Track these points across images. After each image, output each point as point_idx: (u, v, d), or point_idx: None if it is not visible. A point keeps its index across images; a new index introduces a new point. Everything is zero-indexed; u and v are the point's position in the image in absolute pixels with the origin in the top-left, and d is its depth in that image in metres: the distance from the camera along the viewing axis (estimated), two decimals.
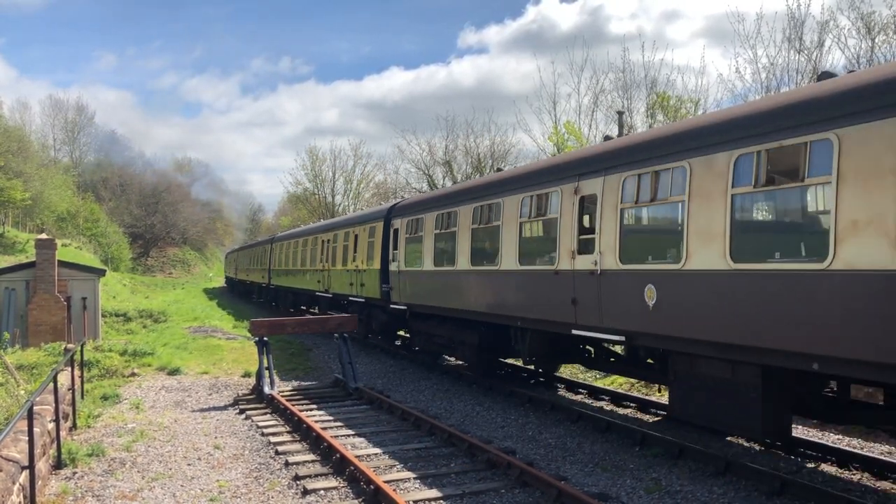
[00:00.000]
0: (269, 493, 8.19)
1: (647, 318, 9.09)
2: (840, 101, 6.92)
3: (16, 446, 7.18)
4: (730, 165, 7.93)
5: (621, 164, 9.69)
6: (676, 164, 8.74)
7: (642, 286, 9.14)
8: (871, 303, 6.43)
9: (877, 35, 18.71)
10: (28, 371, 14.30)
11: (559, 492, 7.63)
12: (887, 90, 6.51)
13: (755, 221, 8.23)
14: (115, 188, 75.81)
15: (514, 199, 12.38)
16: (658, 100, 24.16)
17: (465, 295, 14.20)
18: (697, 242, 8.34)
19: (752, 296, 7.62)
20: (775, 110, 7.69)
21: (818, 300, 6.92)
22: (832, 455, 9.25)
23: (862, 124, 6.58)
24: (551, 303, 11.15)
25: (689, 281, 8.48)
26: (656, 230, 9.76)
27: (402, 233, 17.49)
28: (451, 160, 42.92)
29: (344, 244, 22.76)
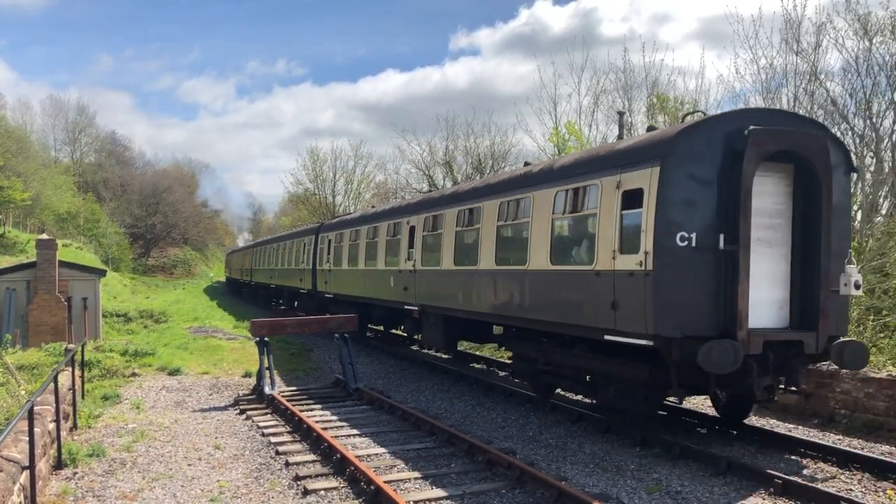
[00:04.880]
0: (269, 494, 8.20)
1: (500, 303, 13.15)
2: (599, 160, 10.64)
3: (16, 446, 7.19)
4: (550, 198, 11.52)
5: (498, 193, 13.48)
6: (525, 195, 12.33)
7: (508, 281, 12.79)
8: (626, 289, 9.58)
9: (874, 36, 18.70)
10: (29, 371, 14.31)
11: (560, 492, 7.63)
12: (610, 158, 10.33)
13: (563, 237, 11.55)
14: (116, 188, 75.83)
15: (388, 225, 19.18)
16: (658, 101, 24.15)
17: (364, 286, 20.94)
18: (539, 250, 11.73)
19: (562, 286, 11.20)
20: (573, 163, 11.37)
21: (583, 290, 10.57)
22: (832, 455, 9.25)
23: (608, 176, 10.18)
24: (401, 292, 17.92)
25: (539, 276, 11.82)
26: (517, 241, 12.79)
27: (329, 243, 24.94)
28: (452, 161, 42.95)
29: (293, 249, 30.99)
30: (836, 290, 9.45)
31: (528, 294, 12.11)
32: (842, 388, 11.26)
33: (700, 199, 9.20)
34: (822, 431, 10.80)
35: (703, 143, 9.30)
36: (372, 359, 19.63)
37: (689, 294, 9.09)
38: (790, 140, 9.31)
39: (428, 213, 16.66)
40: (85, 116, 78.90)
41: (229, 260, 64.45)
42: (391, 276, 18.45)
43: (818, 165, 9.33)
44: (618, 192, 9.90)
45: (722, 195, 9.19)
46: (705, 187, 9.22)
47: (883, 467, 8.63)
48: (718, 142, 9.26)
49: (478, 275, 13.90)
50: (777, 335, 9.34)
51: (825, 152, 9.39)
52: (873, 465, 8.77)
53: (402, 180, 47.23)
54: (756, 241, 9.30)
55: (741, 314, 8.92)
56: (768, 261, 9.55)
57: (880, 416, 10.64)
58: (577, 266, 10.87)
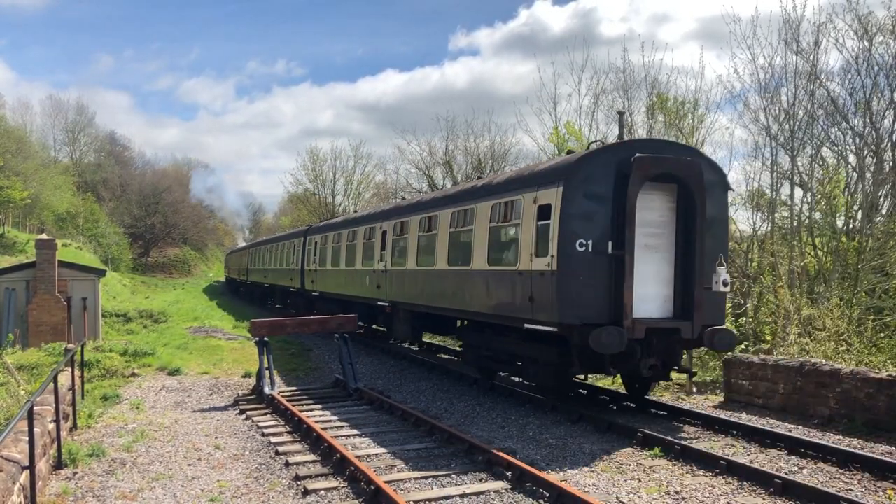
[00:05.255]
0: (269, 494, 8.19)
1: (450, 297, 15.12)
2: (523, 179, 12.79)
3: (16, 446, 7.18)
4: (488, 210, 13.59)
5: (451, 204, 15.45)
6: (471, 206, 14.34)
7: (458, 279, 14.77)
8: (539, 286, 11.60)
9: (874, 36, 18.71)
10: (28, 371, 14.30)
11: (560, 492, 7.63)
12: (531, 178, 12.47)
13: (497, 242, 13.41)
14: (116, 188, 75.80)
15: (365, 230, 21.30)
16: (658, 101, 24.13)
17: (345, 285, 22.84)
18: (479, 253, 13.75)
19: (495, 284, 13.13)
20: (506, 181, 13.55)
21: (511, 287, 12.52)
22: (832, 455, 9.26)
23: (528, 193, 12.20)
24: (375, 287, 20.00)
25: (478, 275, 13.83)
26: (464, 245, 14.64)
27: (316, 245, 27.05)
28: (451, 160, 42.96)
29: (283, 251, 33.35)
30: (708, 288, 11.49)
31: (472, 290, 14.14)
32: (842, 387, 11.26)
33: (595, 213, 11.24)
34: (822, 431, 10.79)
35: (599, 168, 11.34)
36: (372, 359, 19.63)
37: (586, 290, 11.10)
38: (670, 165, 11.30)
39: (397, 220, 18.61)
40: (84, 116, 78.92)
41: (228, 260, 65.55)
42: (367, 276, 20.49)
43: (693, 185, 11.34)
44: (535, 206, 11.98)
45: (614, 210, 11.21)
46: (600, 204, 11.25)
47: (883, 467, 8.63)
48: (611, 167, 11.26)
49: (435, 274, 15.90)
50: (658, 323, 11.33)
51: (699, 175, 11.34)
52: (873, 465, 8.76)
53: (402, 180, 47.25)
54: (643, 247, 11.34)
55: (627, 306, 10.89)
56: (654, 263, 11.56)
57: (880, 416, 10.64)
58: (506, 267, 12.92)
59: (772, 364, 12.69)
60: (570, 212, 11.18)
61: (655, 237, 11.58)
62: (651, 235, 11.54)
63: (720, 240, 11.98)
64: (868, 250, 18.17)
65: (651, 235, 11.54)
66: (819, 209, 20.20)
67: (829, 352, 14.28)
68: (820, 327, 15.49)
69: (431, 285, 16.13)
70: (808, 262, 19.68)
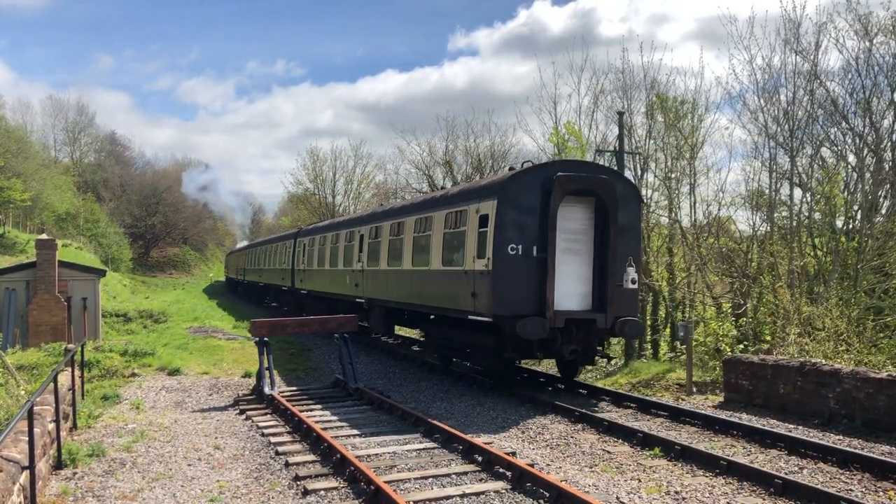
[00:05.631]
0: (269, 494, 8.19)
1: (415, 294, 16.88)
2: (469, 192, 14.85)
3: (16, 446, 7.18)
4: (442, 217, 15.48)
5: (415, 212, 17.30)
6: (430, 214, 16.19)
7: (420, 278, 16.63)
8: (479, 283, 13.54)
9: (875, 36, 18.72)
10: (28, 371, 14.30)
11: (559, 492, 7.63)
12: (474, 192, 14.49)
13: (448, 245, 15.20)
14: (116, 188, 75.77)
15: (346, 233, 23.22)
16: (657, 101, 24.13)
17: (329, 284, 24.71)
18: (435, 255, 15.71)
19: (448, 281, 14.99)
20: (456, 193, 15.61)
21: (458, 284, 14.40)
22: (832, 455, 9.26)
23: (472, 204, 14.24)
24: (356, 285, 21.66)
25: (434, 274, 15.75)
26: (425, 247, 16.40)
27: (304, 247, 28.92)
28: (451, 161, 42.96)
29: (275, 252, 35.53)
30: (620, 285, 13.64)
31: (430, 287, 16.05)
32: (842, 387, 11.26)
33: (524, 222, 13.23)
34: (822, 431, 10.79)
35: (527, 185, 13.34)
36: (372, 359, 19.63)
37: (516, 286, 13.10)
38: (586, 182, 13.43)
39: (372, 225, 20.53)
40: (85, 116, 78.88)
41: (228, 260, 66.56)
42: (347, 276, 22.47)
43: (607, 199, 13.45)
44: (477, 216, 14.00)
45: (540, 220, 13.19)
46: (528, 214, 13.24)
47: (883, 467, 8.63)
48: (537, 183, 13.29)
49: (402, 273, 17.73)
50: (576, 315, 13.44)
51: (613, 190, 13.49)
52: (873, 465, 8.76)
53: (402, 180, 47.27)
54: (564, 251, 13.37)
55: (549, 300, 12.99)
56: (574, 264, 13.60)
57: (880, 416, 10.64)
58: (455, 267, 14.81)
59: (772, 364, 12.69)
60: (504, 221, 13.22)
61: (576, 242, 13.66)
62: (572, 241, 13.61)
63: (632, 244, 13.99)
64: (867, 250, 18.17)
65: (572, 241, 13.61)
66: (819, 209, 20.20)
67: (828, 351, 14.28)
68: (819, 327, 15.50)
69: (399, 284, 17.99)
70: (807, 262, 19.68)
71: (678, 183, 23.68)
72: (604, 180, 13.58)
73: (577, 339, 13.56)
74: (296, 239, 31.10)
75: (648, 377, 15.79)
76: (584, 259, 13.69)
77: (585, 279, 13.70)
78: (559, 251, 13.24)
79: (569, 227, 13.47)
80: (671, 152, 23.84)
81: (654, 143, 24.42)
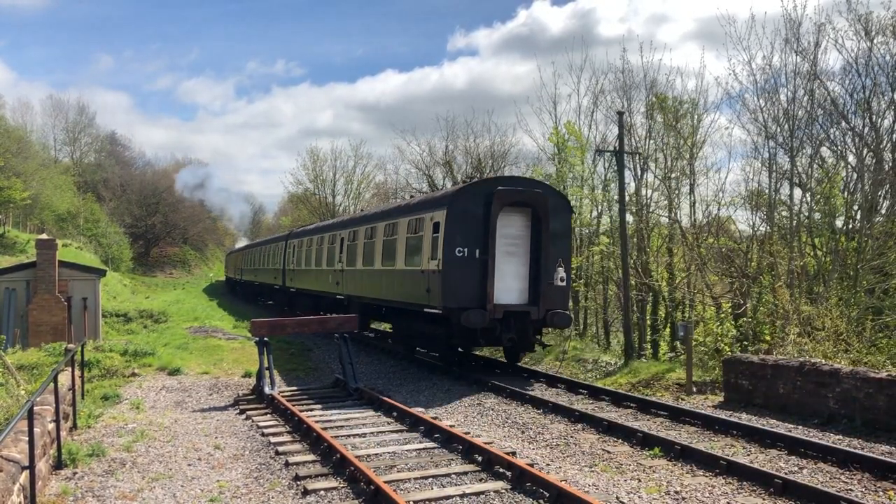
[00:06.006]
0: (269, 494, 8.19)
1: (384, 291, 19.14)
2: (426, 203, 17.16)
3: (16, 446, 7.18)
4: (405, 224, 17.78)
5: (385, 218, 19.65)
6: (396, 220, 18.53)
7: (388, 276, 18.85)
8: (432, 281, 15.72)
9: (875, 36, 18.71)
10: (28, 371, 14.29)
11: (560, 492, 7.63)
12: (429, 202, 16.81)
13: (410, 248, 17.45)
14: (116, 188, 75.75)
15: (329, 236, 25.39)
16: (657, 101, 24.14)
17: (315, 282, 26.96)
18: (400, 256, 17.94)
19: (409, 279, 17.19)
20: (417, 203, 17.89)
21: (416, 282, 16.56)
22: (832, 455, 9.26)
23: (427, 213, 16.46)
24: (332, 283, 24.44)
25: (398, 272, 18.06)
26: (392, 250, 18.74)
27: (294, 248, 31.25)
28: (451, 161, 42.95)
29: (269, 252, 37.96)
30: (551, 283, 15.88)
31: (396, 285, 18.25)
32: (841, 387, 11.26)
33: (469, 229, 15.47)
34: (822, 431, 10.79)
35: (472, 198, 15.66)
36: (372, 359, 19.63)
37: (462, 283, 15.32)
38: (522, 195, 15.67)
39: (350, 229, 22.84)
40: (85, 116, 78.83)
41: (228, 260, 67.62)
42: (330, 275, 24.73)
43: (540, 210, 15.70)
44: (431, 223, 16.24)
45: (483, 227, 15.43)
46: (473, 222, 15.47)
47: (883, 467, 8.63)
48: (481, 196, 15.57)
49: (374, 272, 20.02)
50: (513, 308, 15.60)
51: (545, 202, 15.80)
52: (873, 465, 8.76)
53: (402, 180, 47.27)
54: (503, 253, 15.60)
55: (490, 295, 15.26)
56: (513, 265, 15.79)
57: (880, 415, 10.64)
58: (414, 267, 16.98)
59: (772, 364, 12.69)
60: (452, 227, 15.47)
61: (514, 246, 15.82)
62: (510, 245, 15.77)
63: (563, 248, 16.28)
64: (867, 250, 18.17)
65: (510, 245, 15.77)
66: (818, 209, 20.20)
67: (828, 351, 14.28)
68: (819, 327, 15.49)
69: (372, 281, 20.26)
70: (807, 262, 19.68)
71: (678, 183, 23.69)
72: (538, 194, 15.90)
73: (514, 328, 15.69)
74: (286, 241, 33.39)
75: (648, 377, 15.79)
76: (521, 260, 15.87)
77: (522, 277, 15.86)
78: (499, 253, 15.50)
79: (508, 233, 15.74)
80: (671, 152, 23.86)
81: (653, 143, 24.45)
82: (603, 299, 26.83)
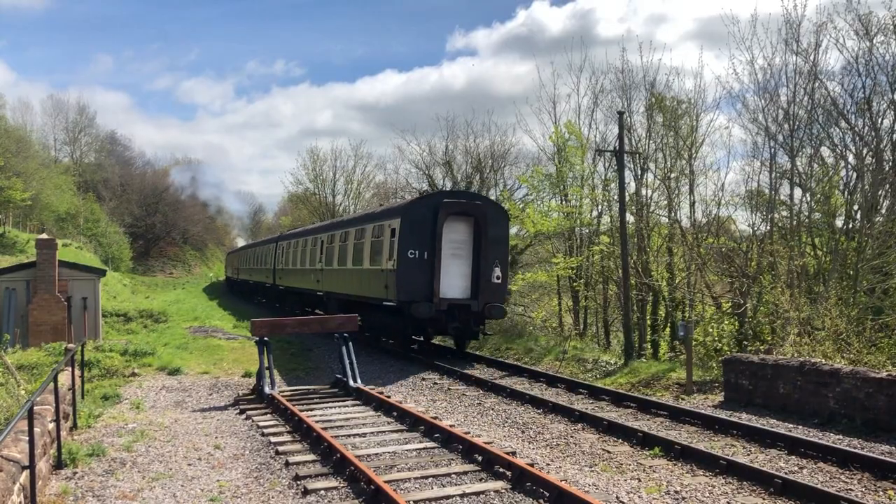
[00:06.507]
0: (269, 493, 8.19)
1: (354, 287, 21.94)
2: (386, 212, 20.29)
3: (16, 446, 7.18)
4: (370, 229, 20.51)
5: (355, 224, 22.75)
6: (364, 226, 21.42)
7: (357, 275, 21.75)
8: (389, 278, 18.54)
9: (875, 36, 18.70)
10: (28, 371, 14.27)
11: (560, 492, 7.63)
12: (388, 212, 20.08)
13: (374, 250, 20.15)
14: (116, 188, 75.73)
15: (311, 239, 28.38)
16: (657, 101, 24.12)
17: (300, 280, 29.62)
18: (366, 258, 20.72)
19: (373, 277, 19.91)
20: (380, 212, 20.93)
21: (378, 279, 19.40)
22: (832, 455, 9.26)
23: (386, 221, 19.43)
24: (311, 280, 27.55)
25: (365, 271, 20.93)
26: (360, 252, 21.56)
27: (283, 249, 33.91)
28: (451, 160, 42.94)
29: (262, 253, 40.76)
30: (489, 280, 18.53)
31: (364, 282, 21.07)
32: (841, 387, 11.26)
33: (419, 234, 18.12)
34: (822, 431, 10.79)
35: (422, 209, 18.48)
36: (372, 358, 19.62)
37: (413, 280, 17.97)
38: (464, 207, 18.55)
39: (329, 233, 25.82)
40: (85, 116, 78.78)
41: (227, 260, 68.96)
42: (312, 274, 27.44)
43: (480, 219, 18.47)
44: (389, 229, 19.01)
45: (431, 233, 18.07)
46: (423, 229, 18.12)
47: (883, 467, 8.63)
48: (430, 207, 18.35)
49: (346, 271, 22.99)
50: (457, 301, 18.34)
51: (485, 212, 18.63)
52: (873, 464, 8.77)
53: (402, 180, 47.24)
54: (449, 255, 18.30)
55: (436, 290, 17.92)
56: (457, 265, 18.46)
57: (880, 415, 10.64)
58: (377, 266, 19.85)
59: (772, 364, 12.69)
60: (405, 234, 18.18)
61: (459, 249, 18.53)
62: (455, 248, 18.48)
63: (500, 251, 18.93)
64: (867, 250, 18.16)
65: (455, 248, 18.48)
66: (818, 209, 20.19)
67: (827, 351, 14.28)
68: (819, 327, 15.49)
69: (345, 279, 23.16)
70: (807, 262, 19.67)
71: (677, 182, 23.68)
72: (478, 205, 18.88)
73: (458, 318, 18.39)
74: (276, 243, 36.48)
75: (648, 377, 15.79)
76: (464, 261, 18.58)
77: (465, 276, 18.57)
78: (445, 256, 18.17)
79: (453, 239, 18.44)
80: (670, 152, 23.85)
81: (653, 143, 24.44)
82: (603, 299, 26.81)
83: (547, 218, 26.91)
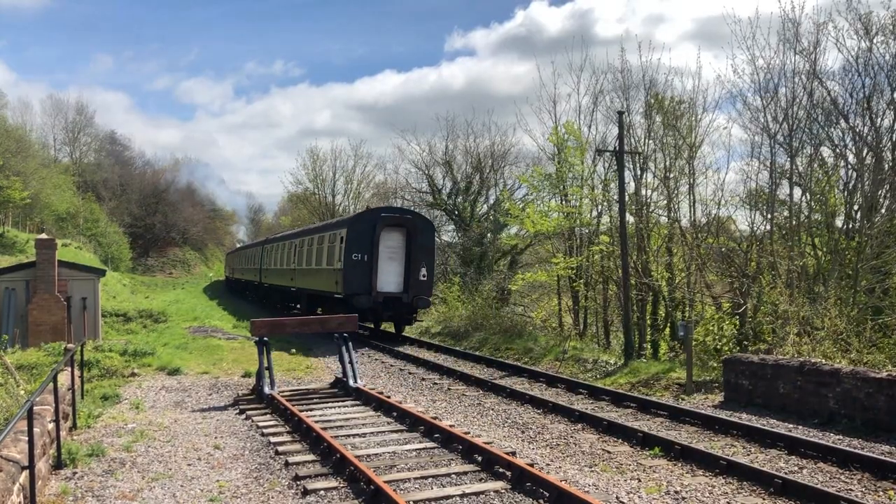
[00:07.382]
0: (269, 494, 8.19)
1: (317, 284, 26.93)
2: (339, 223, 26.48)
3: (16, 446, 7.17)
4: (328, 237, 26.08)
5: (321, 231, 27.72)
6: (325, 233, 26.64)
7: (321, 273, 26.28)
8: (339, 276, 24.12)
9: (875, 35, 18.69)
10: (28, 371, 14.25)
11: (560, 492, 7.63)
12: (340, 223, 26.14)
13: (329, 253, 25.41)
14: (116, 188, 75.70)
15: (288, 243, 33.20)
16: (656, 101, 24.10)
17: (280, 278, 34.03)
18: (324, 259, 26.01)
19: (330, 275, 24.98)
20: (335, 223, 27.92)
21: (332, 277, 24.82)
22: (832, 455, 9.26)
23: (337, 230, 25.23)
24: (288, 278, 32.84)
25: (324, 270, 25.94)
26: (322, 254, 26.25)
27: (268, 251, 38.08)
28: (451, 160, 42.95)
29: (252, 255, 45.56)
30: (417, 278, 23.27)
31: (323, 279, 25.62)
32: (842, 387, 11.26)
33: (362, 241, 23.02)
34: (822, 431, 10.79)
35: (364, 221, 23.60)
36: (372, 358, 19.62)
37: (357, 277, 22.83)
38: (398, 220, 23.73)
39: (300, 238, 30.55)
40: (84, 116, 78.67)
41: (227, 260, 69.99)
42: (288, 273, 32.10)
43: (410, 229, 23.46)
44: (339, 236, 23.94)
45: (371, 241, 22.99)
46: (364, 237, 23.06)
47: (883, 467, 8.63)
48: (371, 220, 23.50)
49: (311, 270, 27.66)
50: (390, 294, 23.11)
51: (414, 224, 23.74)
52: (873, 465, 8.76)
53: (402, 180, 47.26)
54: (385, 258, 23.12)
55: (374, 285, 22.78)
56: (393, 266, 23.30)
57: (880, 415, 10.64)
58: (331, 266, 24.71)
59: (772, 364, 12.69)
60: (351, 240, 23.11)
61: (394, 253, 23.32)
62: (391, 252, 23.28)
63: (427, 255, 23.91)
64: (867, 250, 18.15)
65: (391, 252, 23.28)
66: (818, 209, 20.18)
67: (827, 351, 14.27)
68: (818, 327, 15.48)
69: (311, 277, 27.77)
70: (807, 262, 19.66)
71: (677, 182, 23.67)
72: (409, 218, 24.16)
73: (392, 308, 23.37)
74: (263, 245, 41.03)
75: (648, 377, 15.79)
76: (398, 262, 23.39)
77: (398, 274, 23.39)
78: (382, 258, 23.05)
79: (389, 244, 23.26)
80: (670, 152, 23.83)
81: (653, 143, 24.42)
82: (603, 299, 26.79)
83: (547, 218, 26.90)
